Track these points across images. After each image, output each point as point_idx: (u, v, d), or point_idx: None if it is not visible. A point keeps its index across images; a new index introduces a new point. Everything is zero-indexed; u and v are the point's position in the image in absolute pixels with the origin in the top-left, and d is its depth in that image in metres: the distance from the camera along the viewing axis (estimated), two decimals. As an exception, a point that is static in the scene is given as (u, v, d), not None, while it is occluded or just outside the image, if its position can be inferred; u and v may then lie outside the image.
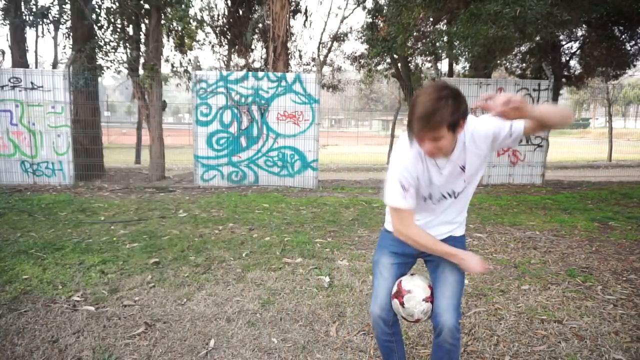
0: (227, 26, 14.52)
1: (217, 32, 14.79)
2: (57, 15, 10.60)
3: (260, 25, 13.68)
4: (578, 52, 11.09)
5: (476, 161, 1.75)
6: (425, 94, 1.55)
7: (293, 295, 3.30)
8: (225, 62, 15.45)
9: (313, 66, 15.07)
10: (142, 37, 9.98)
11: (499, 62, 11.39)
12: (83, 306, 3.06)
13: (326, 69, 16.31)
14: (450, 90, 1.55)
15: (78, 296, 3.21)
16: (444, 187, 1.82)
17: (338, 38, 15.95)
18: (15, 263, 3.83)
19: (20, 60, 10.12)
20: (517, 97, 1.50)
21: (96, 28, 9.86)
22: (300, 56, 15.85)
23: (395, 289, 1.92)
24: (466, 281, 3.56)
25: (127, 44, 9.92)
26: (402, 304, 1.87)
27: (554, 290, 3.40)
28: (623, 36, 9.93)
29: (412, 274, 1.99)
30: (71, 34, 10.19)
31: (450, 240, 1.90)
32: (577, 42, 10.98)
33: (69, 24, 10.62)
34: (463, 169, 1.76)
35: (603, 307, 3.11)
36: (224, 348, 2.57)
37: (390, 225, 1.96)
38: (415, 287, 1.87)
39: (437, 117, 1.51)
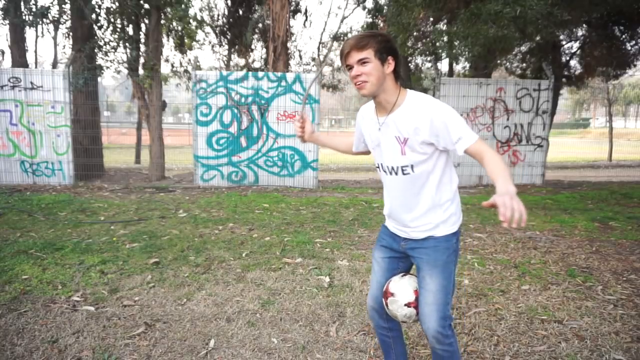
0: (227, 26, 14.53)
1: (217, 32, 14.80)
2: (57, 15, 10.60)
3: (260, 25, 13.69)
4: (578, 52, 11.08)
5: (418, 142, 1.71)
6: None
7: (293, 295, 3.30)
8: (225, 62, 15.46)
9: (313, 66, 15.07)
10: (142, 37, 9.98)
11: (499, 62, 11.39)
12: (83, 306, 3.06)
13: (326, 69, 16.31)
14: (381, 31, 1.82)
15: (78, 296, 3.21)
16: (385, 155, 1.81)
17: (338, 38, 15.95)
18: (15, 263, 3.83)
19: (20, 60, 10.12)
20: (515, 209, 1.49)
21: (96, 28, 9.85)
22: (300, 56, 15.87)
23: (384, 288, 1.93)
24: (466, 281, 3.56)
25: (127, 44, 9.91)
26: (386, 304, 1.90)
27: (554, 291, 3.40)
28: (623, 36, 9.92)
29: (403, 275, 1.94)
30: (71, 33, 10.19)
31: (431, 241, 1.81)
32: (578, 42, 10.98)
33: (68, 24, 10.62)
34: (402, 141, 1.73)
35: (603, 307, 3.11)
36: (224, 348, 2.57)
37: (386, 219, 2.01)
38: (400, 291, 1.86)
39: (365, 39, 1.66)
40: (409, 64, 13.73)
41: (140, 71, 9.58)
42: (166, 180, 9.42)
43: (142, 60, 9.74)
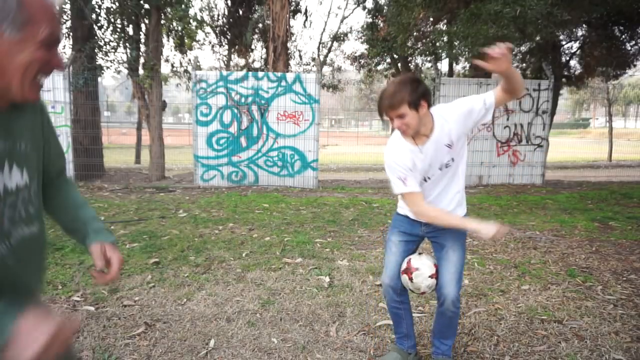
0: (227, 26, 14.53)
1: (217, 32, 14.81)
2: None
3: (260, 25, 13.70)
4: (578, 52, 11.09)
5: (461, 136, 2.05)
6: (389, 83, 2.01)
7: (293, 295, 3.30)
8: (225, 62, 15.47)
9: (313, 66, 15.08)
10: (142, 37, 9.98)
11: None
12: (83, 306, 3.06)
13: (326, 69, 16.32)
14: (409, 77, 1.97)
15: (78, 296, 3.21)
16: (434, 166, 2.08)
17: (338, 38, 15.97)
18: (15, 263, 3.83)
19: (20, 60, 10.11)
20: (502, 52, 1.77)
21: (96, 28, 9.85)
22: (300, 56, 15.89)
23: (404, 265, 2.21)
24: (466, 281, 3.57)
25: (127, 44, 9.91)
26: (410, 279, 2.17)
27: (554, 290, 3.40)
28: (623, 36, 9.93)
29: (419, 253, 2.26)
30: (71, 34, 10.18)
31: None
32: (577, 42, 10.98)
33: (68, 24, 10.61)
34: (449, 146, 2.04)
35: (603, 307, 3.11)
36: (224, 348, 2.57)
37: (402, 208, 2.29)
38: (423, 265, 2.16)
39: (398, 96, 1.88)
40: (409, 64, 13.73)
41: (140, 71, 9.58)
42: (166, 180, 9.42)
43: (142, 60, 9.74)
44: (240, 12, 14.04)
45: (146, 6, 9.41)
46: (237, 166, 8.64)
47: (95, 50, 9.77)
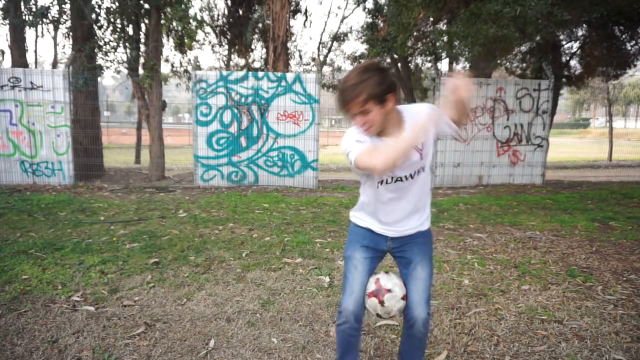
0: (227, 26, 14.53)
1: (217, 32, 14.81)
2: (56, 15, 10.58)
3: (260, 25, 13.69)
4: (578, 52, 11.08)
5: (430, 141, 1.84)
6: (351, 71, 1.68)
7: (293, 295, 3.30)
8: (225, 62, 15.47)
9: (313, 66, 15.08)
10: (142, 37, 9.98)
11: (499, 62, 11.38)
12: (83, 306, 3.06)
13: (326, 69, 16.32)
14: (375, 65, 1.68)
15: (78, 296, 3.21)
16: (404, 166, 1.81)
17: (338, 38, 15.97)
18: (15, 263, 3.83)
19: (20, 60, 10.12)
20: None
21: (96, 28, 9.85)
22: (300, 56, 15.89)
23: (373, 287, 1.92)
24: (466, 281, 3.56)
25: (127, 44, 9.91)
26: (381, 302, 1.88)
27: (554, 291, 3.39)
28: (623, 36, 9.92)
29: (387, 272, 2.00)
30: (71, 33, 10.19)
31: (420, 236, 1.96)
32: (578, 42, 10.98)
33: (68, 23, 10.62)
34: (420, 150, 1.81)
35: (603, 307, 3.11)
36: (224, 348, 2.56)
37: (360, 220, 2.01)
38: (395, 286, 1.91)
39: (359, 91, 1.61)
40: (409, 64, 13.73)
41: (140, 71, 9.57)
42: (166, 180, 9.42)
43: (142, 60, 9.74)
44: (240, 12, 14.04)
45: (146, 6, 9.41)
46: (237, 166, 8.64)
47: (95, 50, 9.77)
